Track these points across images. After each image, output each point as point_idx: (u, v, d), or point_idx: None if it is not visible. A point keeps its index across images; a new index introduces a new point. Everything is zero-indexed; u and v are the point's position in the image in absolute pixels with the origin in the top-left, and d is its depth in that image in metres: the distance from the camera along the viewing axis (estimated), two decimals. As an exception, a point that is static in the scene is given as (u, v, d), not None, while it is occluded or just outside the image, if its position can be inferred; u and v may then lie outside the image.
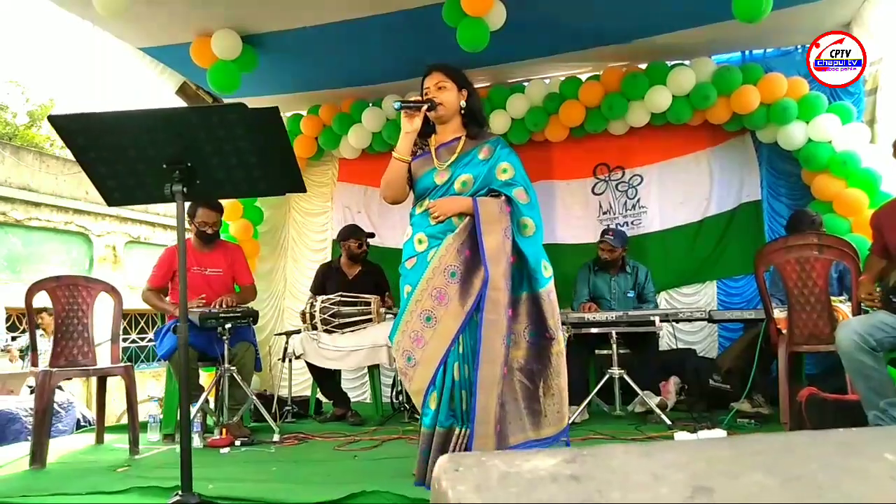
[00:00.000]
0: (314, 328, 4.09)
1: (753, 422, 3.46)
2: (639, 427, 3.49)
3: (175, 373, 3.55)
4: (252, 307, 3.79)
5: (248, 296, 3.99)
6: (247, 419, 3.82)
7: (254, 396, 3.67)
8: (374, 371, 4.35)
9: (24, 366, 6.00)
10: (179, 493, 1.74)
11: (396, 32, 4.09)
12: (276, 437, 3.45)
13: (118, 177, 1.89)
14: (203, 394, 3.60)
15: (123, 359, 3.62)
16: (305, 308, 4.20)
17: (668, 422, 3.40)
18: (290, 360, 4.27)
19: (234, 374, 3.51)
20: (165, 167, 1.80)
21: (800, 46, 4.54)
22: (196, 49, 4.07)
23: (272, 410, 3.90)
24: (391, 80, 4.82)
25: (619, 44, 4.37)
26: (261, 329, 4.97)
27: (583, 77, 4.81)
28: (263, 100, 4.89)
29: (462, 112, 2.45)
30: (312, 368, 4.21)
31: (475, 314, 2.27)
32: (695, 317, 3.88)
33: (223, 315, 3.51)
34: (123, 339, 3.42)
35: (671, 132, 4.82)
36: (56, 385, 3.15)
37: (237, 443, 3.35)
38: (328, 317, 4.07)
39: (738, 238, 4.77)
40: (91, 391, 8.18)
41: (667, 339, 4.65)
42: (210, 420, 3.73)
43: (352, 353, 4.05)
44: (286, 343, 4.34)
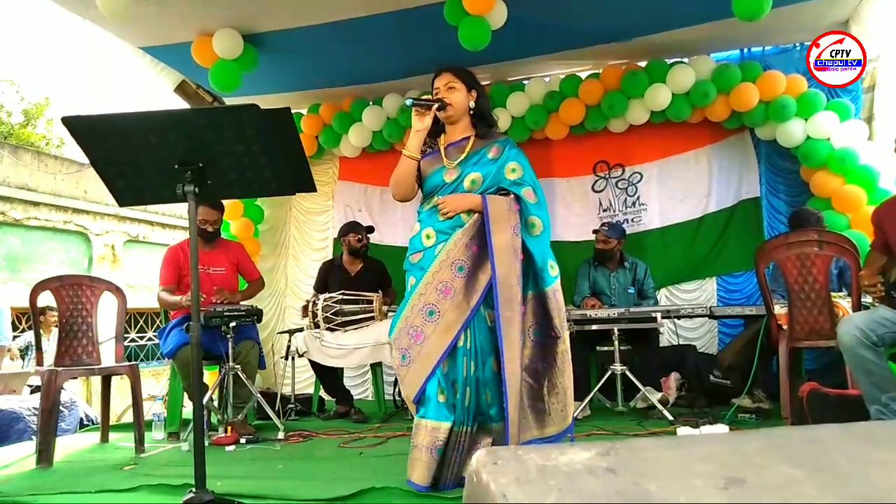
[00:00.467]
0: (317, 326, 4.11)
1: (754, 417, 3.49)
2: (641, 423, 3.52)
3: (180, 371, 3.56)
4: (255, 305, 3.81)
5: (258, 288, 4.09)
6: (251, 417, 3.82)
7: (258, 394, 3.69)
8: (377, 368, 4.37)
9: (25, 365, 5.99)
10: (193, 490, 1.75)
11: (397, 31, 4.10)
12: (281, 435, 3.47)
13: (129, 177, 1.90)
14: (208, 392, 3.61)
15: (123, 358, 3.63)
16: (308, 304, 4.22)
17: (670, 417, 3.43)
18: (293, 358, 4.29)
19: (239, 373, 3.52)
20: (177, 167, 1.82)
21: (798, 44, 4.56)
22: (197, 48, 4.07)
23: (275, 408, 3.92)
24: (391, 79, 4.83)
25: (619, 42, 4.38)
26: (262, 327, 4.97)
27: (583, 75, 4.82)
28: (264, 99, 4.89)
29: (471, 112, 2.47)
30: (315, 366, 4.22)
31: (481, 309, 2.28)
32: (696, 313, 3.92)
33: (227, 314, 3.52)
34: (123, 338, 3.43)
35: (671, 130, 4.85)
36: (62, 384, 3.16)
37: (242, 440, 3.36)
38: (331, 315, 4.09)
39: (738, 235, 4.79)
40: (91, 390, 8.19)
41: (667, 336, 4.68)
42: (214, 418, 3.74)
43: (355, 351, 4.07)
44: (289, 341, 4.35)
